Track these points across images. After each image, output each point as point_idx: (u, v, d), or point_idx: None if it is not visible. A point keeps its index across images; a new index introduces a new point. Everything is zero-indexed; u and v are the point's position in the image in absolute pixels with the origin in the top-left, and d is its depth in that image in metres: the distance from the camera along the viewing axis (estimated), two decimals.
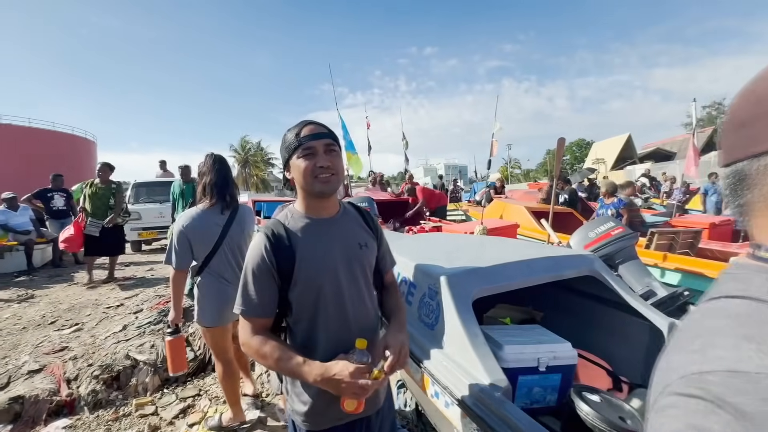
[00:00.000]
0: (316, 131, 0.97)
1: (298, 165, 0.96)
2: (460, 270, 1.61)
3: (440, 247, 2.20)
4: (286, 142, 0.99)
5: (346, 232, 1.05)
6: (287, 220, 1.02)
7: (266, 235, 0.98)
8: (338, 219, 1.05)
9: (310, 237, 1.00)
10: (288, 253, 0.96)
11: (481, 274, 1.60)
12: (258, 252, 0.97)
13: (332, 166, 0.96)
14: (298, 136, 0.96)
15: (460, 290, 1.50)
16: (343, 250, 1.02)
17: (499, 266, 1.65)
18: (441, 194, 7.28)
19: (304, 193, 1.00)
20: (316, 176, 0.95)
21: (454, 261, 1.79)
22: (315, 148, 0.96)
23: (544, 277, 1.68)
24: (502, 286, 1.57)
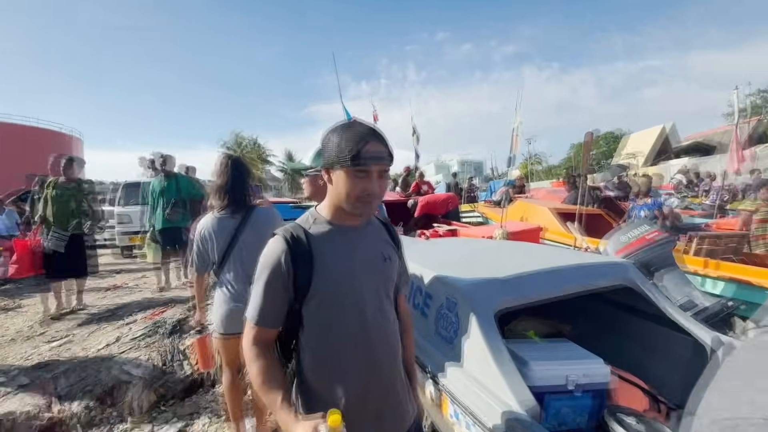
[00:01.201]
0: (379, 154, 0.97)
1: (345, 181, 0.97)
2: (481, 280, 1.61)
3: (457, 254, 2.20)
4: (338, 147, 0.97)
5: (370, 243, 1.07)
6: (308, 224, 1.04)
7: (284, 238, 1.00)
8: (363, 229, 1.07)
9: (333, 245, 1.01)
10: (306, 259, 0.98)
11: (504, 284, 1.60)
12: (274, 256, 0.99)
13: (381, 192, 0.98)
14: (357, 153, 0.95)
15: (482, 302, 1.51)
16: (367, 261, 1.04)
17: (524, 276, 1.65)
18: (449, 197, 7.23)
19: (337, 204, 1.02)
20: (360, 199, 0.97)
21: (474, 269, 1.79)
22: (371, 172, 0.96)
23: (574, 287, 1.67)
24: (528, 299, 1.57)
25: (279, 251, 0.99)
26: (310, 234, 1.02)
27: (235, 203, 2.04)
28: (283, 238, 1.00)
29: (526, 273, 1.67)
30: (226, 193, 2.04)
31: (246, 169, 2.13)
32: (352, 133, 0.98)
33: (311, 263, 0.98)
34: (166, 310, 4.77)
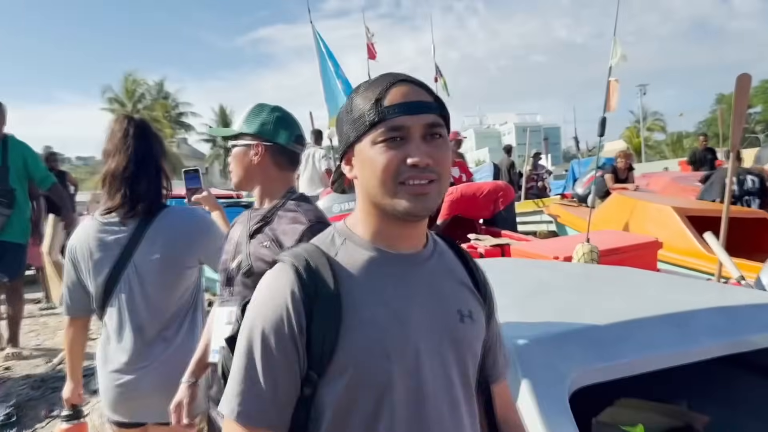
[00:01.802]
0: (414, 98, 1.03)
1: (372, 157, 1.02)
2: (547, 334, 1.61)
3: (508, 287, 2.19)
4: (353, 110, 1.06)
5: (438, 285, 1.12)
6: (334, 248, 1.09)
7: (295, 270, 1.04)
8: (427, 259, 1.13)
9: (375, 285, 1.06)
10: (331, 309, 1.01)
11: (587, 340, 1.60)
12: (276, 302, 1.02)
13: (435, 163, 1.02)
14: (379, 104, 1.02)
15: (548, 372, 1.50)
16: (434, 318, 1.08)
17: (623, 326, 1.65)
18: (497, 188, 7.21)
19: (375, 207, 1.07)
20: (403, 181, 1.00)
21: (536, 314, 1.80)
22: (409, 129, 1.01)
23: (714, 347, 1.67)
24: (630, 366, 1.56)
25: (284, 294, 1.02)
26: (337, 265, 1.06)
27: (134, 201, 2.10)
28: (293, 269, 1.04)
29: (629, 321, 1.67)
30: (122, 184, 2.09)
31: (157, 142, 2.22)
32: (368, 84, 1.07)
33: (338, 317, 1.01)
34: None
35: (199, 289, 2.27)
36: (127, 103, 45.59)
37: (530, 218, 10.01)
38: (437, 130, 1.04)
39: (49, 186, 5.51)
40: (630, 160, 9.12)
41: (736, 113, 4.28)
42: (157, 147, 2.21)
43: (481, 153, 79.76)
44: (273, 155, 1.85)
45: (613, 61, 5.52)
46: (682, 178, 10.29)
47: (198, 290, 2.27)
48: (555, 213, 8.56)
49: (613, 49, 5.55)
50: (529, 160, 13.80)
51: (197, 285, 2.26)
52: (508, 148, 14.91)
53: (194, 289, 2.24)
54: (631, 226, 5.96)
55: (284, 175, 1.90)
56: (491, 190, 7.13)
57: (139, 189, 2.11)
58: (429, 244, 1.15)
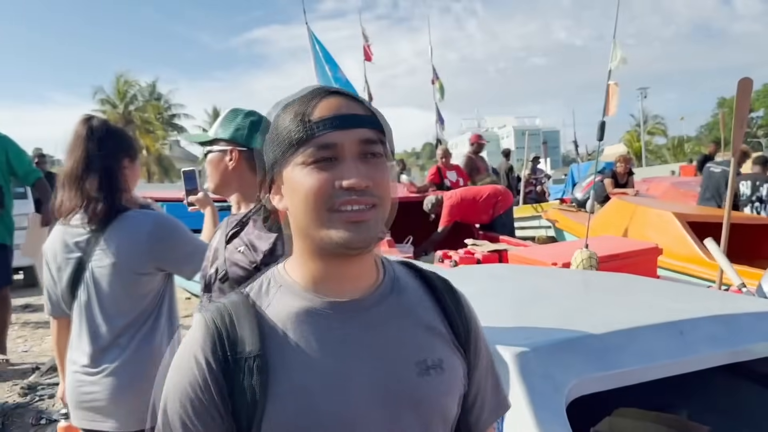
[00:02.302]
0: (346, 111, 0.92)
1: (300, 182, 0.90)
2: (546, 342, 1.61)
3: (506, 293, 2.19)
4: (277, 129, 0.95)
5: (393, 333, 0.96)
6: (265, 298, 0.97)
7: (213, 331, 0.92)
8: (377, 302, 0.98)
9: (310, 343, 0.92)
10: (254, 376, 0.88)
11: (585, 348, 1.59)
12: (192, 374, 0.90)
13: (375, 186, 0.90)
14: (305, 120, 0.91)
15: (546, 380, 1.50)
16: (384, 377, 0.93)
17: (622, 334, 1.65)
18: (495, 192, 7.23)
19: (308, 243, 0.95)
20: (337, 207, 0.88)
21: (532, 320, 1.79)
22: (341, 147, 0.89)
23: (714, 356, 1.67)
24: (629, 375, 1.56)
25: (198, 360, 0.90)
26: (266, 320, 0.93)
27: (87, 204, 2.11)
28: (210, 329, 0.92)
29: (628, 330, 1.67)
30: (74, 187, 2.11)
31: (117, 142, 2.19)
32: (292, 99, 0.96)
33: (264, 383, 0.88)
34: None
35: (163, 296, 2.24)
36: (118, 104, 45.55)
37: (528, 223, 10.04)
38: (374, 148, 0.92)
39: (33, 181, 5.47)
40: (630, 164, 9.14)
41: (738, 117, 4.30)
42: (116, 148, 2.18)
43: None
44: (248, 160, 1.86)
45: (613, 64, 5.54)
46: (682, 183, 10.33)
47: (162, 298, 2.24)
48: (553, 218, 8.57)
49: (613, 52, 5.57)
50: (528, 164, 13.84)
51: (161, 292, 2.23)
52: (506, 152, 14.95)
53: (156, 296, 2.22)
54: (630, 231, 5.97)
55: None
56: (490, 194, 7.13)
57: (91, 192, 2.11)
58: (383, 282, 1.01)
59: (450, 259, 5.07)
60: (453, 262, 4.95)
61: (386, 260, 1.07)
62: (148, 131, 45.87)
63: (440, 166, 8.38)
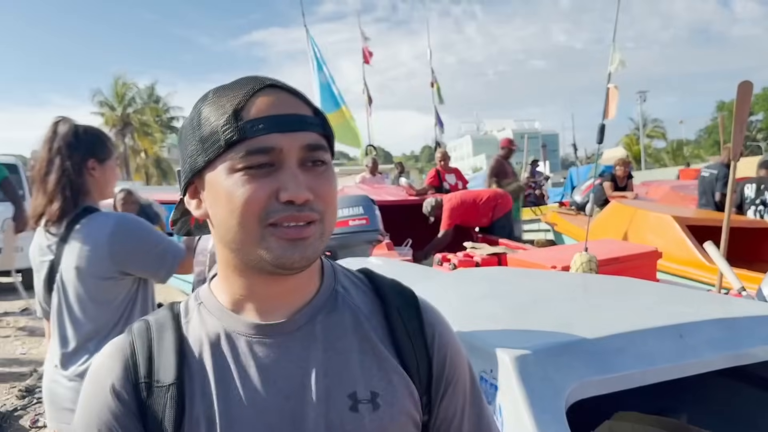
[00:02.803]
0: (288, 110, 0.81)
1: (229, 190, 0.79)
2: (544, 345, 1.61)
3: (505, 297, 2.20)
4: (201, 124, 0.82)
5: (322, 360, 0.85)
6: (187, 318, 0.89)
7: (127, 352, 0.85)
8: (307, 322, 0.87)
9: (228, 373, 0.83)
10: (168, 404, 0.81)
11: (585, 352, 1.59)
12: (101, 401, 0.83)
13: (318, 199, 0.80)
14: (238, 117, 0.79)
15: (545, 384, 1.49)
16: (306, 411, 0.83)
17: (622, 337, 1.64)
18: (494, 196, 7.24)
19: (232, 258, 0.85)
20: (274, 222, 0.78)
21: (531, 324, 1.79)
22: (281, 152, 0.78)
23: (715, 359, 1.66)
24: (628, 379, 1.56)
25: (107, 386, 0.82)
26: (186, 342, 0.85)
27: (50, 207, 2.13)
28: (124, 351, 0.84)
29: (627, 333, 1.67)
30: (39, 190, 2.14)
31: (82, 144, 2.19)
32: (222, 90, 0.84)
33: (179, 412, 0.80)
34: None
35: (134, 302, 2.23)
36: (117, 106, 45.55)
37: (527, 226, 10.03)
38: (319, 155, 0.81)
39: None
40: (629, 167, 9.16)
41: (737, 121, 4.30)
42: (79, 150, 2.18)
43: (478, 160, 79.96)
44: None
45: (612, 67, 5.56)
46: (682, 186, 10.33)
47: (134, 303, 2.22)
48: (553, 221, 8.58)
49: (612, 55, 5.59)
50: (527, 168, 13.85)
51: (131, 298, 2.22)
52: None
53: (125, 302, 2.20)
54: (630, 235, 5.97)
55: None
56: (490, 197, 7.14)
57: (51, 194, 2.13)
58: (318, 297, 0.89)
59: (449, 262, 5.06)
60: (452, 264, 4.95)
61: (334, 269, 0.96)
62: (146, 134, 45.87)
63: (439, 169, 8.38)
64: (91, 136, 2.23)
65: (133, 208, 5.65)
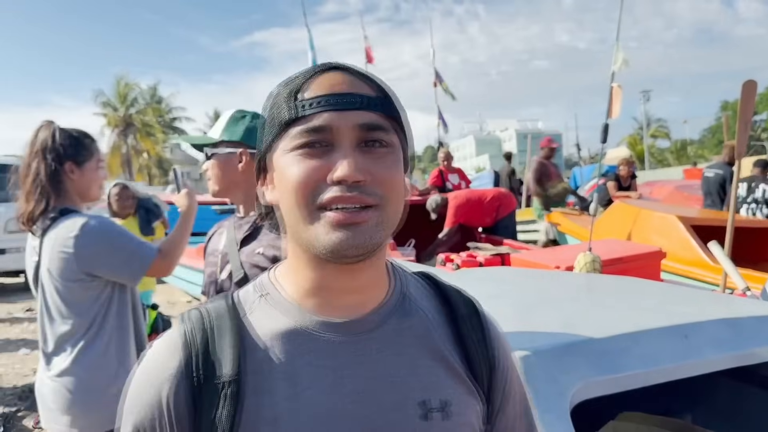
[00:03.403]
0: (345, 89, 0.78)
1: (283, 170, 0.78)
2: (549, 345, 1.61)
3: (507, 296, 2.20)
4: (271, 108, 0.82)
5: (392, 365, 0.82)
6: (248, 309, 0.85)
7: (185, 342, 0.80)
8: (378, 324, 0.84)
9: (288, 370, 0.79)
10: (226, 400, 0.77)
11: (589, 352, 1.59)
12: (154, 391, 0.79)
13: (375, 182, 0.76)
14: (295, 97, 0.78)
15: (548, 384, 1.49)
16: (375, 417, 0.79)
17: (626, 338, 1.64)
18: (498, 196, 7.24)
19: (297, 245, 0.82)
20: (324, 205, 0.75)
21: (536, 324, 1.79)
22: (334, 132, 0.76)
23: (717, 360, 1.66)
24: (633, 379, 1.56)
25: (163, 376, 0.78)
26: (247, 336, 0.81)
27: (27, 206, 2.20)
28: (182, 340, 0.80)
29: (631, 333, 1.67)
30: (22, 191, 2.22)
31: (60, 147, 2.22)
32: (291, 78, 0.83)
33: (234, 409, 0.76)
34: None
35: (108, 306, 2.21)
36: (119, 107, 45.62)
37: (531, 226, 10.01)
38: (378, 135, 0.77)
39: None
40: (633, 167, 9.15)
41: (742, 120, 4.29)
42: (55, 153, 2.21)
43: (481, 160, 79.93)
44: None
45: (616, 66, 5.54)
46: (686, 186, 10.32)
47: (107, 307, 2.21)
48: (556, 221, 8.56)
49: (616, 54, 5.57)
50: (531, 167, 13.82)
51: (105, 302, 2.21)
52: (508, 155, 14.92)
53: (97, 305, 2.19)
54: (633, 235, 5.96)
55: None
56: (494, 197, 7.16)
57: (29, 196, 2.20)
58: (390, 299, 0.86)
59: (452, 262, 5.06)
60: (455, 265, 4.95)
61: (401, 272, 0.92)
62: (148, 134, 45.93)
63: (442, 169, 8.37)
64: (70, 139, 2.25)
65: (130, 203, 5.57)
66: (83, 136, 2.31)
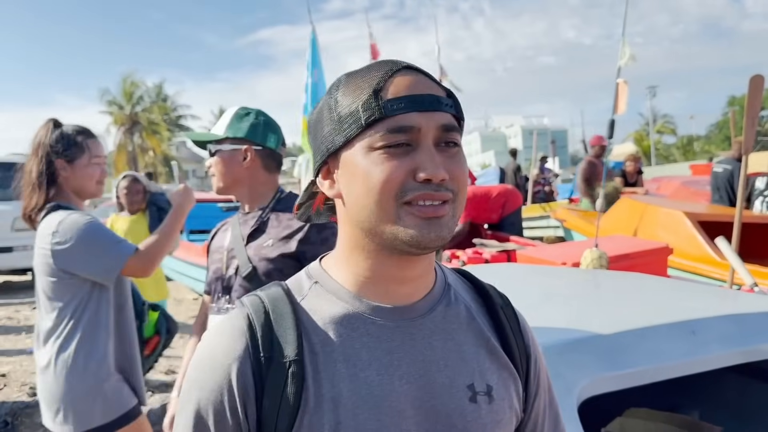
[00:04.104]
0: (426, 90, 0.82)
1: (367, 169, 0.80)
2: (556, 342, 1.60)
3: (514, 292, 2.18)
4: (337, 107, 0.84)
5: (441, 349, 0.87)
6: (302, 296, 0.88)
7: (249, 325, 0.83)
8: (428, 311, 0.88)
9: (354, 351, 0.83)
10: (290, 381, 0.80)
11: (596, 348, 1.59)
12: (221, 372, 0.82)
13: (452, 179, 0.81)
14: (379, 97, 0.80)
15: (555, 380, 1.46)
16: (427, 398, 0.83)
17: (633, 334, 1.64)
18: (504, 192, 7.22)
19: (364, 237, 0.85)
20: (409, 201, 0.79)
21: (542, 320, 1.77)
22: (419, 132, 0.79)
23: (727, 355, 1.66)
24: (640, 375, 1.56)
25: (229, 358, 0.82)
26: (304, 320, 0.85)
27: (31, 203, 2.26)
28: (246, 323, 0.83)
29: (639, 329, 1.67)
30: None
31: (51, 146, 2.27)
32: (357, 74, 0.85)
33: (299, 391, 0.80)
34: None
35: (86, 306, 2.21)
36: (125, 105, 45.76)
37: (537, 223, 10.01)
38: (453, 136, 0.82)
39: None
40: (639, 163, 9.12)
41: (749, 116, 4.27)
42: (46, 151, 2.25)
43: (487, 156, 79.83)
44: (263, 159, 1.92)
45: (622, 61, 5.52)
46: (693, 182, 10.28)
47: (84, 307, 2.21)
48: (562, 217, 8.54)
49: (622, 49, 5.55)
50: (536, 164, 13.81)
51: (82, 301, 2.20)
52: (513, 151, 14.91)
53: (76, 304, 2.20)
54: (640, 231, 5.94)
55: (272, 178, 1.99)
56: (500, 193, 7.16)
57: (27, 194, 2.27)
58: (436, 288, 0.91)
59: (458, 259, 5.06)
60: (461, 262, 4.95)
61: (439, 266, 0.97)
62: (154, 132, 46.06)
63: None
64: (61, 136, 2.27)
65: (140, 198, 5.25)
66: (77, 133, 2.31)
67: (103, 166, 2.39)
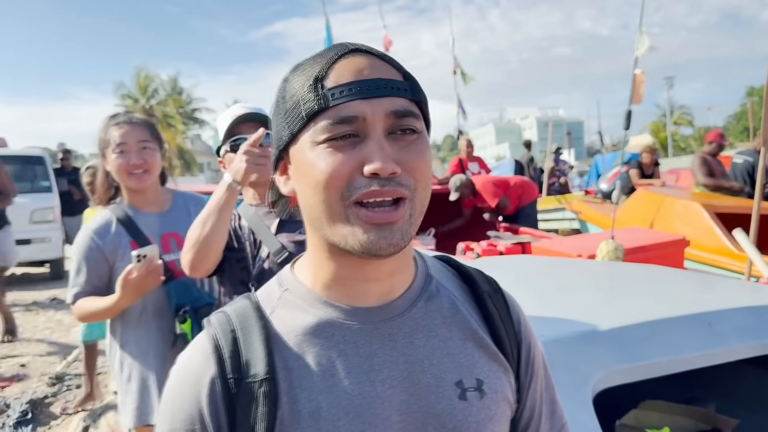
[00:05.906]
0: (373, 74, 0.74)
1: (310, 164, 0.74)
2: (570, 334, 1.61)
3: (529, 284, 2.20)
4: (286, 97, 0.79)
5: (424, 348, 0.82)
6: (271, 306, 0.83)
7: (215, 346, 0.79)
8: (406, 309, 0.83)
9: (322, 361, 0.78)
10: (262, 400, 0.76)
11: (611, 340, 1.59)
12: (189, 400, 0.78)
13: (407, 172, 0.74)
14: (319, 85, 0.74)
15: (570, 372, 1.49)
16: (413, 400, 0.79)
17: (649, 326, 1.64)
18: (520, 183, 7.21)
19: (320, 238, 0.79)
20: (358, 200, 0.72)
21: (558, 312, 1.79)
22: (365, 121, 0.72)
23: (741, 348, 1.65)
24: (655, 367, 1.55)
25: (196, 383, 0.78)
26: (274, 333, 0.80)
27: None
28: (212, 344, 0.79)
29: (654, 321, 1.66)
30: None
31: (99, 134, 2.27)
32: (309, 60, 0.79)
33: (272, 408, 0.75)
34: (10, 385, 4.89)
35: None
36: (140, 98, 46.03)
37: (552, 215, 9.96)
38: (409, 122, 0.74)
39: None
40: (656, 155, 9.03)
41: (767, 105, 4.23)
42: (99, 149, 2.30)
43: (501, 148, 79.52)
44: None
45: (640, 51, 5.47)
46: None
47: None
48: (578, 209, 8.49)
49: (639, 39, 5.50)
50: (551, 156, 13.72)
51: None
52: (527, 143, 14.81)
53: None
54: (657, 223, 5.91)
55: None
56: (517, 184, 7.16)
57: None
58: (416, 282, 0.85)
59: (472, 251, 5.05)
60: (475, 254, 4.94)
61: (420, 255, 0.91)
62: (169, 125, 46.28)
63: (462, 158, 8.35)
64: (100, 131, 2.28)
65: (103, 189, 4.90)
66: (104, 123, 2.27)
67: (128, 154, 2.18)
